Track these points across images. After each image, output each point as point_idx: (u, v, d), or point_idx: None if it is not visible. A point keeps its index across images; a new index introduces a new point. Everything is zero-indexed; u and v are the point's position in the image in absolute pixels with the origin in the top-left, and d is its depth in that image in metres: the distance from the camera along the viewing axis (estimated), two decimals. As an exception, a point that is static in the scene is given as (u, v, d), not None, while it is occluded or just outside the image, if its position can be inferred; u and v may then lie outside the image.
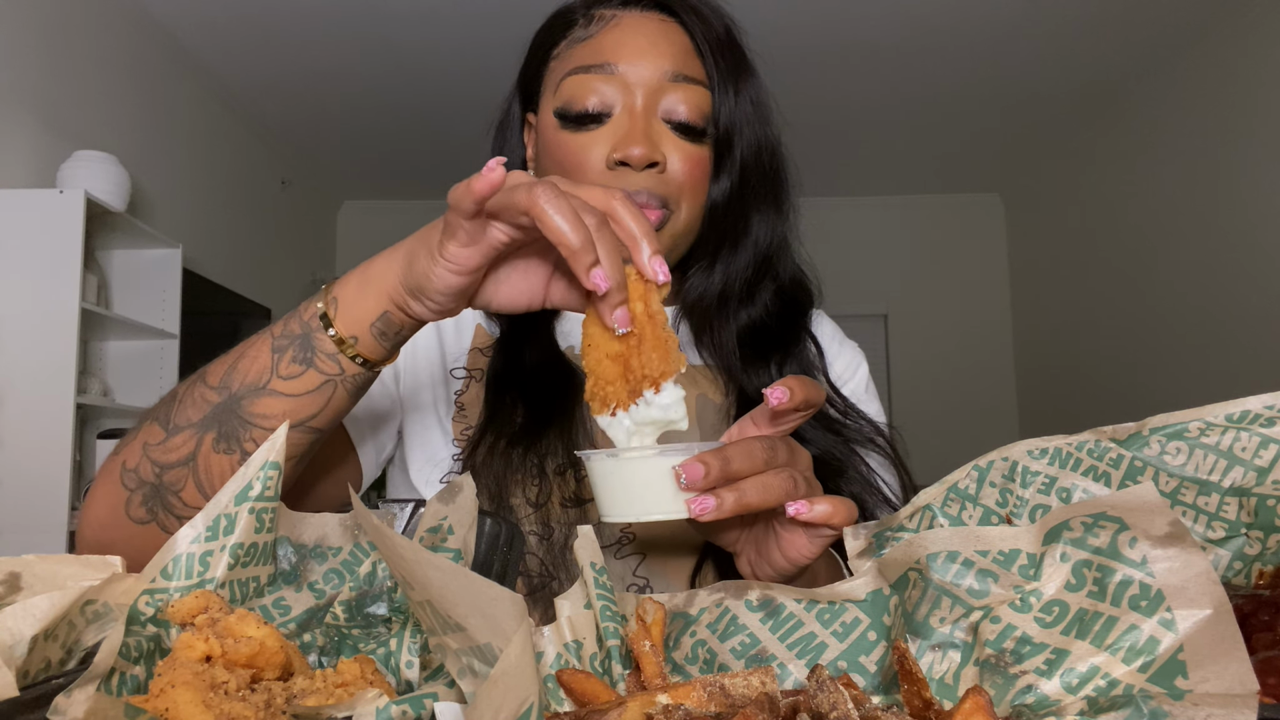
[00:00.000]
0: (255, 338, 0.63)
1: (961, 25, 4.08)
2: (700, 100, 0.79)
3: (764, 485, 0.53)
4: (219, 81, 4.50)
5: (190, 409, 0.61)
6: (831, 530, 0.56)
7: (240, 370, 0.61)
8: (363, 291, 0.59)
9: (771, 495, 0.54)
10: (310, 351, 0.60)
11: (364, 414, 0.81)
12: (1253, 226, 3.96)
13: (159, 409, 0.63)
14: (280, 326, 0.62)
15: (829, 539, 0.57)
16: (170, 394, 0.64)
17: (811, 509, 0.54)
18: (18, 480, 2.79)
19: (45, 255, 2.88)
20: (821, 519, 0.54)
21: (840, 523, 0.55)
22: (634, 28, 0.80)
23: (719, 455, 0.53)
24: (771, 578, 0.60)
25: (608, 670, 0.45)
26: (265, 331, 0.62)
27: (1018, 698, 0.39)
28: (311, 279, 5.74)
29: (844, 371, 0.93)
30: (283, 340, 0.61)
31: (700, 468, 0.52)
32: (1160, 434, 0.52)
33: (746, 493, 0.53)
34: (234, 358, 0.62)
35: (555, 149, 0.80)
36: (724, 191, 0.82)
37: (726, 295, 0.85)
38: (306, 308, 0.61)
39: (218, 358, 0.64)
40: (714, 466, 0.52)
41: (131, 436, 0.64)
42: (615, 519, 0.55)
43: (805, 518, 0.54)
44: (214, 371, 0.62)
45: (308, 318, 0.61)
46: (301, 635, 0.48)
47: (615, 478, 0.54)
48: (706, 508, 0.52)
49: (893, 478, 0.83)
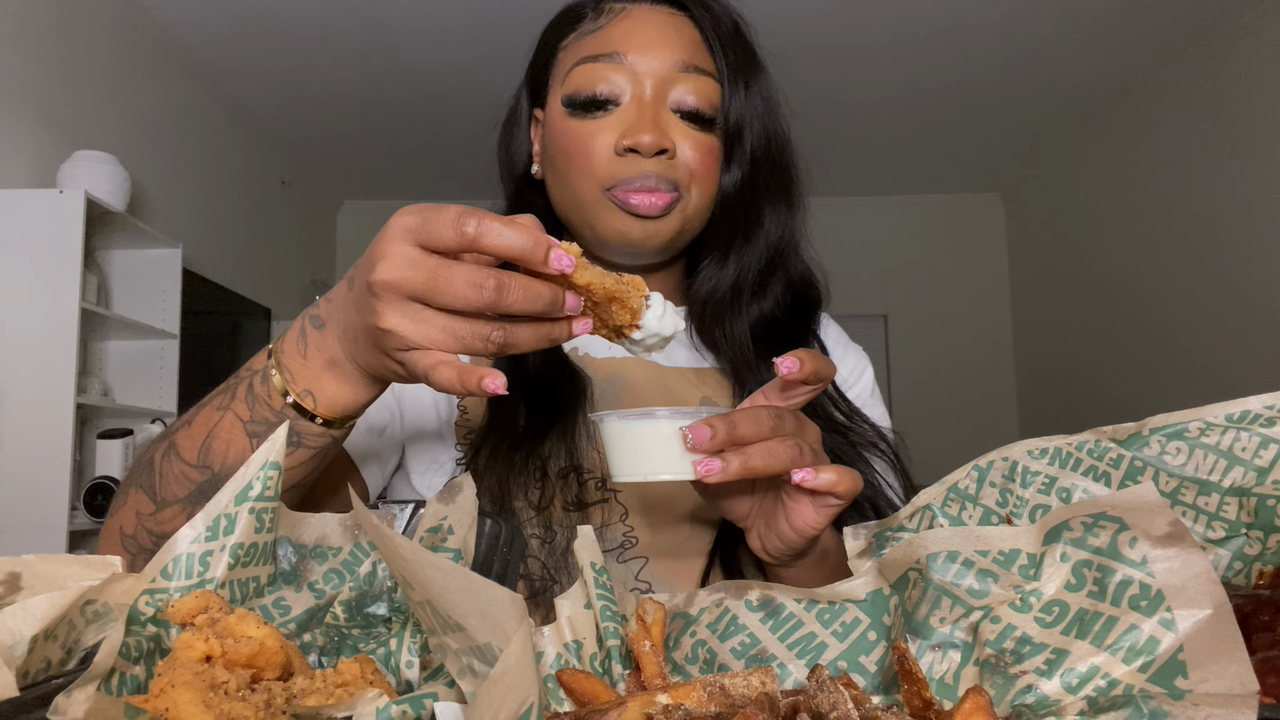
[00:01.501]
0: (215, 411, 0.60)
1: (962, 25, 4.07)
2: (710, 91, 0.79)
3: (769, 451, 0.54)
4: (219, 81, 4.50)
5: (174, 484, 0.60)
6: (837, 499, 0.57)
7: (216, 451, 0.59)
8: (339, 384, 0.57)
9: (777, 461, 0.55)
10: (295, 435, 0.58)
11: (363, 434, 0.80)
12: (1253, 226, 3.96)
13: (141, 476, 0.62)
14: (244, 408, 0.58)
15: (835, 508, 0.58)
16: (146, 460, 0.62)
17: (817, 476, 0.55)
18: (18, 480, 2.79)
19: (45, 255, 2.88)
20: (826, 486, 0.56)
21: (844, 491, 0.56)
22: (644, 19, 0.80)
23: (725, 419, 0.54)
24: (781, 550, 0.62)
25: (608, 670, 0.45)
26: (225, 406, 0.59)
27: (1018, 698, 0.39)
28: (311, 279, 5.74)
29: (849, 376, 0.92)
30: (258, 426, 0.58)
31: (706, 430, 0.53)
32: (1160, 434, 0.52)
33: (751, 457, 0.54)
34: (201, 433, 0.59)
35: (562, 137, 0.80)
36: (735, 182, 0.82)
37: (739, 288, 0.85)
38: (269, 393, 0.58)
39: (179, 424, 0.61)
40: (720, 429, 0.53)
41: (121, 501, 0.62)
42: (624, 478, 0.57)
43: (810, 484, 0.55)
44: (185, 446, 0.60)
45: (280, 408, 0.57)
46: (301, 635, 0.48)
47: (625, 438, 0.56)
48: (712, 469, 0.53)
49: (897, 482, 0.83)
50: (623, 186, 0.77)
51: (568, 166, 0.79)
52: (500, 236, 0.47)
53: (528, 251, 0.47)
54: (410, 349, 0.49)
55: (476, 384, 0.48)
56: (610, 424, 0.57)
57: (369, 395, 0.58)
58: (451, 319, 0.48)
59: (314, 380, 0.57)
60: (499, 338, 0.49)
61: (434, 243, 0.48)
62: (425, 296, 0.48)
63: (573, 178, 0.79)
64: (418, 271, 0.47)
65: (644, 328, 0.53)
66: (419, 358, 0.49)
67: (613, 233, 0.79)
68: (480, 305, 0.47)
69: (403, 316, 0.48)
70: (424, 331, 0.48)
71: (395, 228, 0.49)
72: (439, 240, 0.47)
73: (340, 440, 0.61)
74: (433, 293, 0.48)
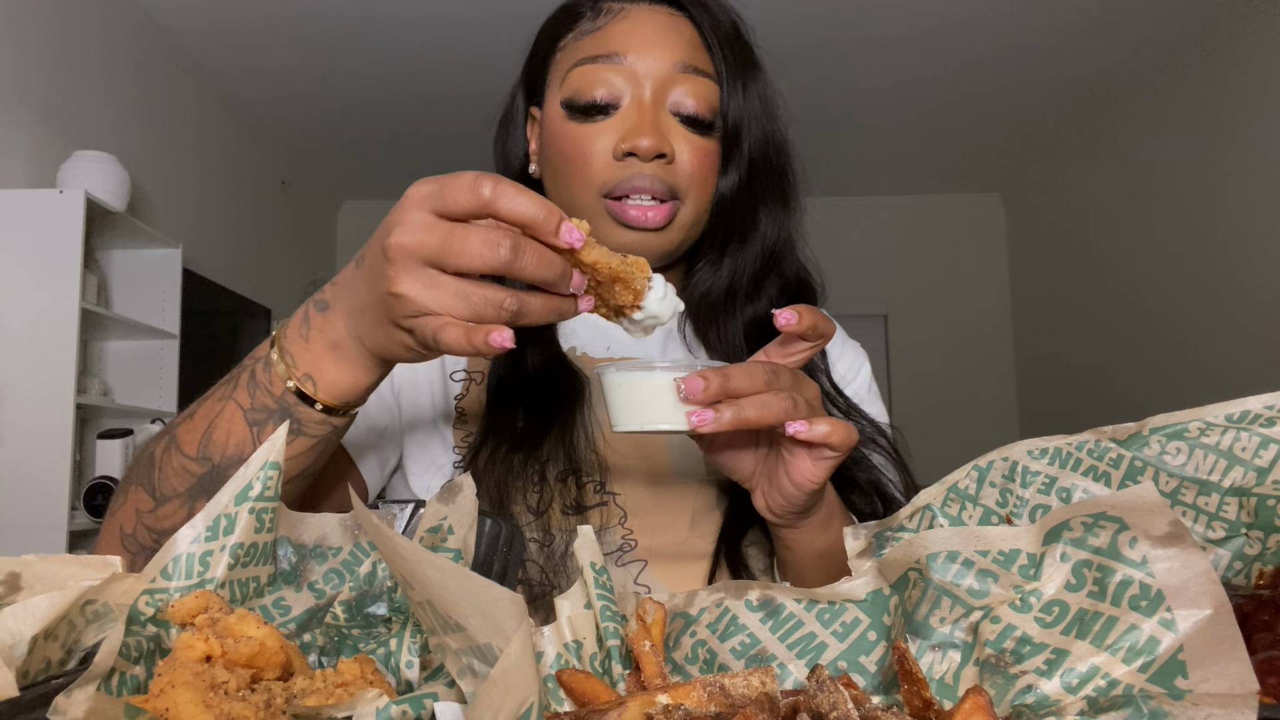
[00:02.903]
0: (217, 402, 0.60)
1: (962, 25, 4.07)
2: (709, 93, 0.79)
3: (763, 403, 0.56)
4: (219, 81, 4.50)
5: (174, 479, 0.60)
6: (833, 451, 0.58)
7: (217, 442, 0.59)
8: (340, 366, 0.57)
9: (770, 412, 0.56)
10: (296, 423, 0.58)
11: (362, 432, 0.80)
12: (1253, 226, 3.96)
13: (139, 473, 0.62)
14: (245, 396, 0.59)
15: (832, 460, 0.59)
16: (147, 456, 0.62)
17: (811, 428, 0.56)
18: (18, 480, 2.79)
19: (45, 255, 2.88)
20: (820, 438, 0.57)
21: (839, 442, 0.57)
22: (643, 20, 0.80)
23: (719, 372, 0.56)
24: (784, 507, 0.63)
25: (608, 670, 0.45)
26: (227, 396, 0.59)
27: (1018, 698, 0.39)
28: (311, 279, 5.73)
29: (847, 372, 0.93)
30: (258, 414, 0.58)
31: (700, 381, 0.55)
32: (1160, 434, 0.52)
33: (744, 408, 0.55)
34: (203, 424, 0.60)
35: (560, 140, 0.80)
36: (732, 186, 0.82)
37: (734, 290, 0.85)
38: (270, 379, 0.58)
39: (181, 418, 0.62)
40: (714, 382, 0.55)
41: (121, 500, 0.62)
42: (622, 428, 0.59)
43: (804, 436, 0.57)
44: (185, 439, 0.60)
45: (280, 394, 0.57)
46: (301, 635, 0.48)
47: (624, 390, 0.58)
48: (705, 419, 0.55)
49: (898, 477, 0.83)
50: (620, 190, 0.77)
51: (565, 170, 0.79)
52: (515, 201, 0.47)
53: (540, 219, 0.47)
54: (420, 315, 0.49)
55: (484, 341, 0.48)
56: (610, 376, 0.59)
57: (370, 379, 0.58)
58: (465, 284, 0.48)
59: (314, 364, 0.57)
60: (512, 305, 0.49)
61: (449, 208, 0.48)
62: (440, 260, 0.48)
63: (570, 182, 0.79)
64: (433, 235, 0.48)
65: (645, 309, 0.54)
66: (427, 321, 0.49)
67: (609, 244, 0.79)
68: (495, 264, 0.47)
69: (416, 281, 0.48)
70: (436, 297, 0.48)
71: (412, 196, 0.49)
72: (454, 205, 0.48)
73: (341, 430, 0.61)
74: (448, 253, 0.48)
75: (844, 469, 0.79)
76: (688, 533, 0.79)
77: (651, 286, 0.54)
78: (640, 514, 0.79)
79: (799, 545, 0.67)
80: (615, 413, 0.59)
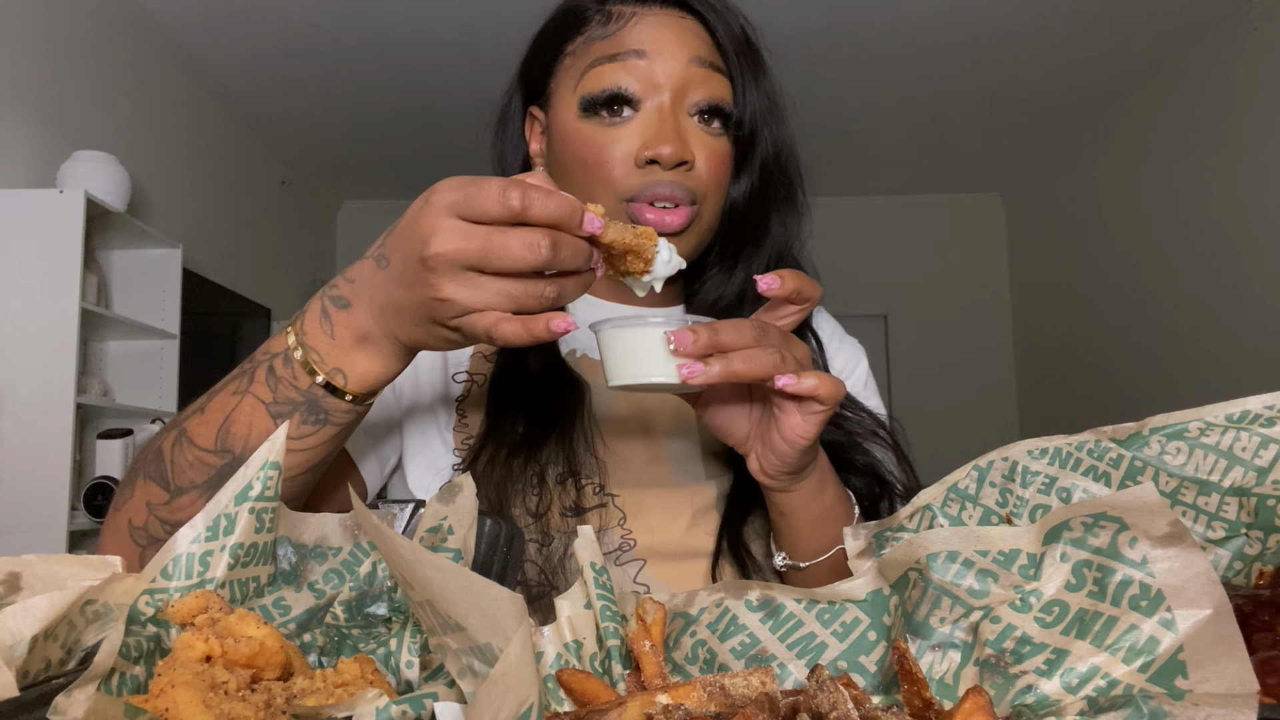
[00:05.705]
0: (232, 395, 0.60)
1: (962, 26, 4.08)
2: (724, 91, 0.80)
3: (750, 357, 0.58)
4: (219, 81, 4.50)
5: (189, 471, 0.60)
6: (821, 405, 0.60)
7: (236, 435, 0.60)
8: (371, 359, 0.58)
9: (758, 366, 0.57)
10: (323, 413, 0.60)
11: (364, 431, 0.80)
12: (1252, 226, 3.96)
13: (149, 467, 0.62)
14: (265, 390, 0.60)
15: (821, 415, 0.61)
16: (153, 450, 0.62)
17: (799, 381, 0.58)
18: (18, 480, 2.79)
19: (45, 255, 2.87)
20: (808, 391, 0.59)
21: (826, 394, 0.59)
22: (656, 22, 0.79)
23: (709, 326, 0.58)
24: (778, 468, 0.64)
25: (608, 670, 0.45)
26: (243, 390, 0.60)
27: (1018, 698, 0.39)
28: (311, 279, 5.73)
29: (844, 367, 0.93)
30: (283, 406, 0.59)
31: (690, 334, 0.57)
32: (1160, 434, 0.52)
33: (733, 361, 0.57)
34: (217, 418, 0.60)
35: (576, 143, 0.79)
36: (744, 192, 0.83)
37: (744, 296, 0.86)
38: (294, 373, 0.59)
39: (190, 412, 0.62)
40: (703, 334, 0.57)
41: (128, 494, 0.62)
42: (616, 382, 0.61)
43: (793, 389, 0.58)
44: (198, 433, 0.60)
45: (307, 387, 0.59)
46: (301, 635, 0.48)
47: (618, 344, 0.60)
48: (694, 371, 0.57)
49: (897, 469, 0.83)
50: (641, 197, 0.76)
51: (585, 176, 0.78)
52: (545, 207, 0.50)
53: (567, 218, 0.51)
54: (466, 314, 0.52)
55: (545, 329, 0.52)
56: (606, 331, 0.61)
57: (399, 366, 0.60)
58: (505, 282, 0.51)
59: (344, 358, 0.59)
60: (552, 292, 0.52)
61: (480, 216, 0.50)
62: (481, 263, 0.50)
63: (588, 185, 0.78)
64: (471, 241, 0.50)
65: (654, 272, 0.59)
66: (476, 319, 0.52)
67: None
68: (536, 264, 0.50)
69: (459, 285, 0.51)
70: (480, 296, 0.51)
71: (438, 204, 0.51)
72: (485, 214, 0.50)
73: (364, 415, 0.63)
74: (489, 258, 0.50)
75: (840, 453, 0.79)
76: (687, 532, 0.80)
77: (658, 251, 0.58)
78: (639, 514, 0.79)
79: (793, 510, 0.69)
80: (610, 367, 0.61)
